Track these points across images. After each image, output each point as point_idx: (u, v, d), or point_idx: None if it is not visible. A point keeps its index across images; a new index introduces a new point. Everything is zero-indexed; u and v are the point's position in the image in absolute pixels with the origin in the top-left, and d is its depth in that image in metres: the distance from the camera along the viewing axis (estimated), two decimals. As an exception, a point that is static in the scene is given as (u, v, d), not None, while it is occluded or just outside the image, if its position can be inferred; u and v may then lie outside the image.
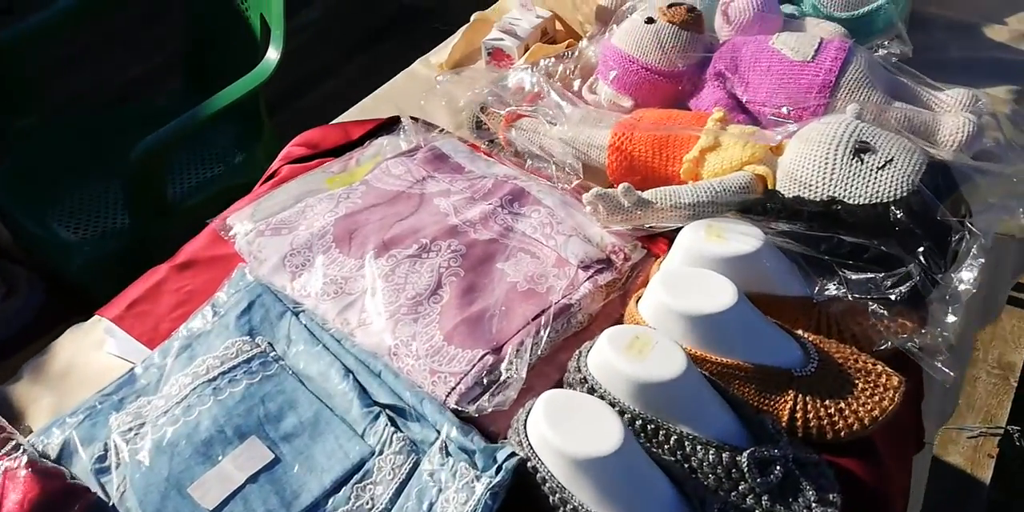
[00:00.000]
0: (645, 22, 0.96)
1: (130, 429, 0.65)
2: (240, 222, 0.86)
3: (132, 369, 0.72)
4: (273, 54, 1.31)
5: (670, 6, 0.96)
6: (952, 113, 0.87)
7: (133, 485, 0.61)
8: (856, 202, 0.73)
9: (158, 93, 2.22)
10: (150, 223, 1.28)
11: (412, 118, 1.00)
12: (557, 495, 0.60)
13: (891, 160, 0.74)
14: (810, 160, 0.76)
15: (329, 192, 0.88)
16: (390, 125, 1.01)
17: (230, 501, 0.60)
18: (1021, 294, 1.83)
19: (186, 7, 1.58)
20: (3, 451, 0.58)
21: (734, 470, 0.62)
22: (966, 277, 0.66)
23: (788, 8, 1.06)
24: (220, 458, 0.63)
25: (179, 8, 1.63)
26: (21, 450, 0.58)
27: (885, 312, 0.67)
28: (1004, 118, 0.93)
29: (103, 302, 0.82)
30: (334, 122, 1.06)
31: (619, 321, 0.76)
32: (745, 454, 0.62)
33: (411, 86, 1.12)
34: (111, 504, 0.60)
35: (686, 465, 0.63)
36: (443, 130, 1.00)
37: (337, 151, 0.99)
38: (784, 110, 0.86)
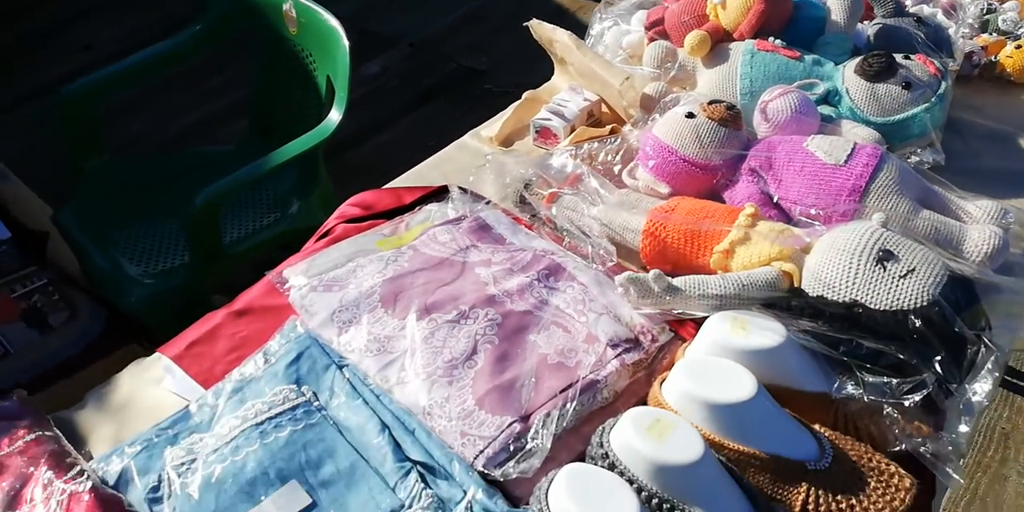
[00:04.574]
0: (686, 116, 1.03)
1: (183, 463, 0.70)
2: (295, 276, 0.92)
3: (187, 406, 0.77)
4: (335, 115, 1.40)
5: (710, 103, 1.03)
6: (979, 225, 0.92)
7: (180, 519, 0.66)
8: (877, 307, 0.77)
9: (214, 139, 2.37)
10: (206, 265, 1.36)
11: (460, 188, 1.07)
12: (571, 565, 0.63)
13: (913, 270, 0.78)
14: (835, 264, 0.81)
15: (379, 253, 0.95)
16: (439, 193, 1.08)
17: (267, 542, 0.65)
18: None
19: (255, 58, 1.70)
20: (70, 475, 0.63)
21: (742, 556, 0.64)
22: (980, 389, 0.69)
23: (826, 109, 1.13)
24: (262, 498, 0.67)
25: (239, 59, 1.75)
26: (85, 476, 0.63)
27: (900, 416, 0.70)
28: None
29: (158, 333, 0.88)
30: (387, 187, 1.13)
31: (643, 399, 0.80)
32: (754, 542, 0.64)
33: (461, 156, 1.20)
34: (159, 536, 0.65)
35: (696, 548, 0.66)
36: (489, 202, 1.06)
37: (389, 214, 1.06)
38: (813, 212, 0.91)
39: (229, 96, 2.55)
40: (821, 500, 0.70)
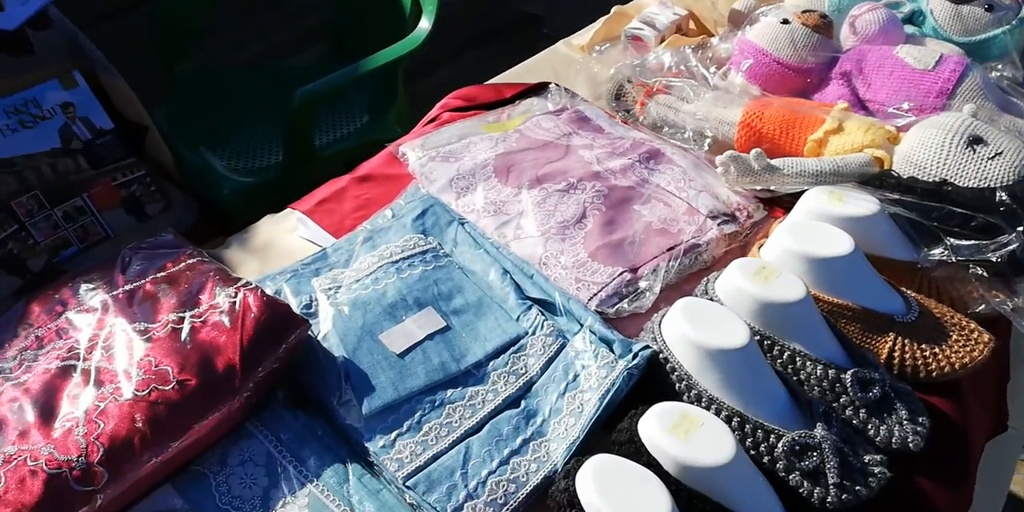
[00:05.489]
0: (780, 22, 1.08)
1: (330, 288, 0.78)
2: (412, 150, 0.99)
3: (324, 249, 0.85)
4: (425, 24, 1.46)
5: (804, 11, 1.08)
6: (1056, 129, 0.97)
7: (335, 328, 0.73)
8: (965, 185, 0.83)
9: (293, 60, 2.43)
10: (298, 164, 1.44)
11: (558, 85, 1.13)
12: (684, 382, 0.70)
13: (1001, 153, 0.83)
14: (926, 146, 0.86)
15: (488, 134, 1.01)
16: (538, 89, 1.14)
17: (412, 350, 0.72)
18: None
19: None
20: (240, 284, 0.71)
21: (838, 385, 0.71)
22: (1061, 254, 0.75)
23: (909, 28, 1.17)
24: (403, 318, 0.75)
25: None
26: (254, 285, 0.71)
27: (985, 273, 0.77)
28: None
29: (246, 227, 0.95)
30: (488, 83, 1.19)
31: (736, 267, 0.87)
32: (849, 373, 0.71)
33: (553, 61, 1.26)
34: (317, 339, 0.73)
35: (795, 378, 0.73)
36: (584, 99, 1.12)
37: (489, 106, 1.12)
38: (906, 106, 0.96)
39: (297, 25, 2.60)
40: (906, 348, 0.77)
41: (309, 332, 0.72)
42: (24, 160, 1.29)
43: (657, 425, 0.62)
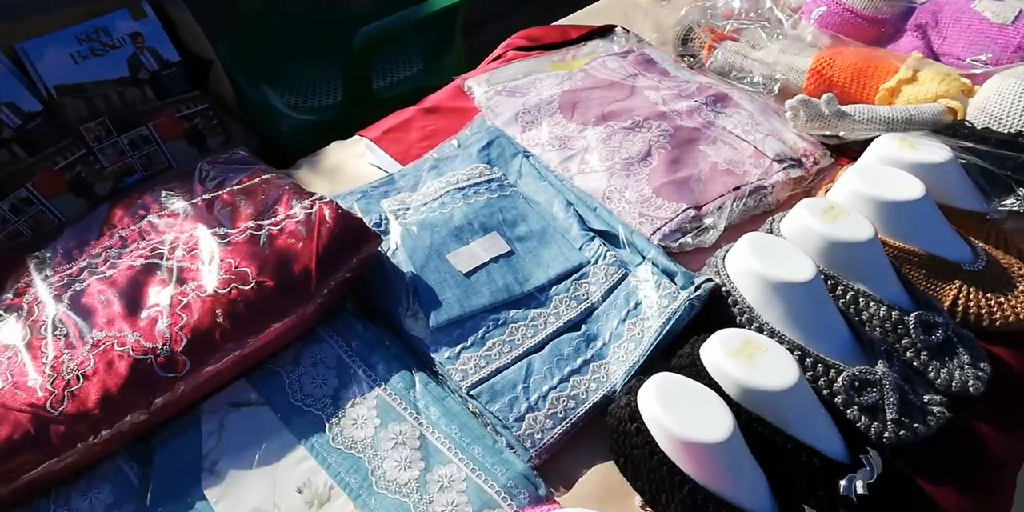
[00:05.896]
0: (859, -29, 1.05)
1: (398, 209, 0.79)
2: (478, 84, 1.00)
3: (391, 174, 0.87)
4: (492, -32, 1.45)
5: (884, -39, 1.05)
6: None
7: (404, 245, 0.75)
8: (1044, 136, 0.82)
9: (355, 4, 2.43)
10: (356, 104, 1.45)
11: (624, 28, 1.12)
12: (746, 315, 0.71)
13: (1086, 104, 0.81)
14: (1003, 97, 0.84)
15: (554, 72, 1.01)
16: (603, 32, 1.13)
17: (477, 271, 0.74)
18: None
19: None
20: (315, 197, 0.73)
21: (900, 327, 0.71)
22: None
23: (990, -16, 1.13)
24: (469, 241, 0.76)
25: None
26: (328, 199, 0.73)
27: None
28: None
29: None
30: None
31: (799, 212, 0.86)
32: (912, 315, 0.71)
33: (617, 6, 1.24)
34: (387, 255, 0.75)
35: (857, 318, 0.73)
36: (650, 43, 1.11)
37: (554, 47, 1.12)
38: (984, 57, 0.94)
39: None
40: (971, 296, 0.76)
41: (379, 249, 0.73)
42: (94, 87, 1.32)
43: (720, 349, 0.63)
